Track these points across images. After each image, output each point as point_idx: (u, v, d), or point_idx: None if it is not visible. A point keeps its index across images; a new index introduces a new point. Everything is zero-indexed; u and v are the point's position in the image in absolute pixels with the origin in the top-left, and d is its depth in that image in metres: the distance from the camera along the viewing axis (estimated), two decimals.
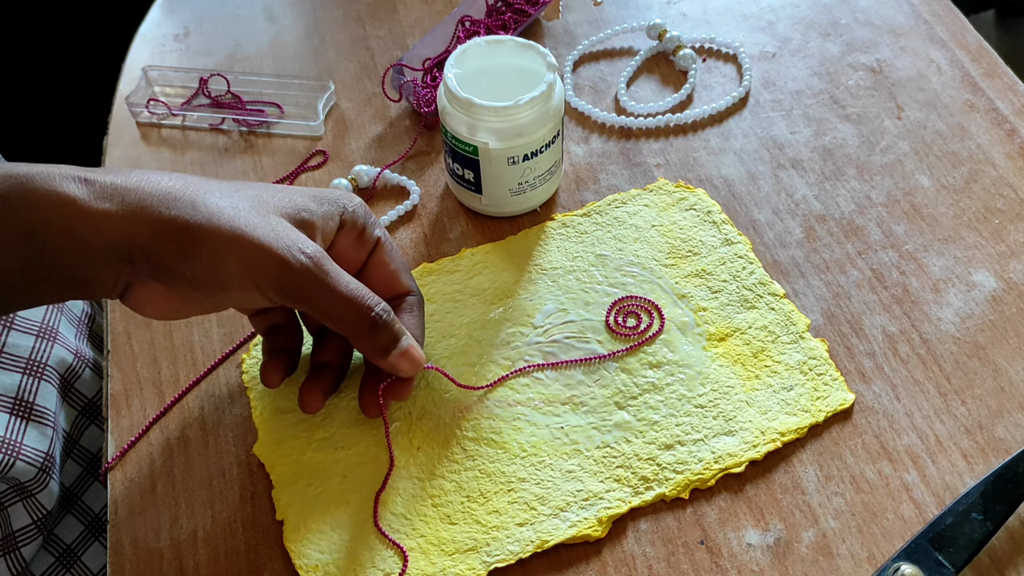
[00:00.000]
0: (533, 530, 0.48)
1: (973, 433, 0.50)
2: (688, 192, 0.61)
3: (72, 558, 0.58)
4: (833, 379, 0.52)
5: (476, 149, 0.56)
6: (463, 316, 0.56)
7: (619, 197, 0.61)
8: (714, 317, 0.55)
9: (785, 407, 0.51)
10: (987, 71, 0.67)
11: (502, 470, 0.50)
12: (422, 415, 0.52)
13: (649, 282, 0.57)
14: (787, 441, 0.50)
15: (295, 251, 0.44)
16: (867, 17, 0.72)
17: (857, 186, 0.61)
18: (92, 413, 0.59)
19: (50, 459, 0.54)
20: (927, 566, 0.44)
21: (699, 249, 0.58)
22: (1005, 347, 0.53)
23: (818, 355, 0.53)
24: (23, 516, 0.53)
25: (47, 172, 0.42)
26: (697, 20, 0.73)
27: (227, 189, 0.45)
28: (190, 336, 0.57)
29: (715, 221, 0.59)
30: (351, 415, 0.52)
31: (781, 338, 0.54)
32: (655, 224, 0.59)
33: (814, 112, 0.66)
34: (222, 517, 0.50)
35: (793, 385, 0.52)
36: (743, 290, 0.56)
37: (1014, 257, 0.57)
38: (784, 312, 0.55)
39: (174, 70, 0.72)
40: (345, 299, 0.45)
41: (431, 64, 0.68)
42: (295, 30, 0.76)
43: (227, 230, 0.43)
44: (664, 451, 0.50)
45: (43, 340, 0.56)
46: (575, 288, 0.57)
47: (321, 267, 0.45)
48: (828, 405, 0.51)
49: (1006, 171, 0.61)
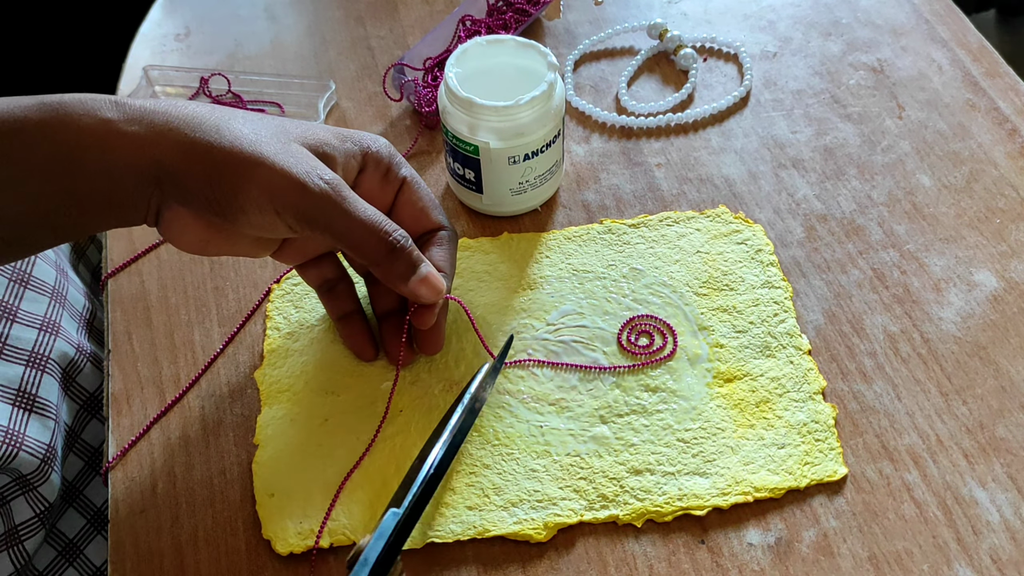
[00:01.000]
0: (480, 516, 0.48)
1: (974, 433, 0.50)
2: (745, 226, 0.59)
3: (74, 552, 0.58)
4: (831, 448, 0.49)
5: (477, 149, 0.56)
6: (483, 296, 0.57)
7: (673, 215, 0.60)
8: (729, 356, 0.53)
9: (770, 463, 0.49)
10: (988, 71, 0.67)
11: (471, 452, 0.50)
12: (415, 381, 0.53)
13: (674, 306, 0.56)
14: (759, 498, 0.48)
15: (314, 176, 0.45)
16: (868, 17, 0.72)
17: (858, 186, 0.61)
18: (93, 407, 0.59)
19: (52, 451, 0.54)
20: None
21: (737, 285, 0.56)
22: (1006, 347, 0.53)
23: (823, 421, 0.50)
24: (25, 510, 0.53)
25: (80, 98, 0.43)
26: (698, 20, 0.73)
27: (252, 117, 0.47)
28: (191, 335, 0.57)
29: (763, 261, 0.57)
30: (351, 364, 0.54)
31: (790, 393, 0.52)
32: (700, 250, 0.58)
33: (815, 112, 0.66)
34: (223, 516, 0.50)
35: (786, 444, 0.50)
36: (768, 336, 0.54)
37: (1015, 257, 0.57)
38: (802, 368, 0.52)
39: (175, 70, 0.72)
40: (363, 224, 0.46)
41: (432, 64, 0.68)
42: (296, 30, 0.76)
43: (249, 154, 0.44)
44: (632, 475, 0.49)
45: (45, 333, 0.56)
46: (599, 295, 0.56)
47: (339, 192, 0.46)
48: (815, 473, 0.48)
49: (1007, 171, 0.61)
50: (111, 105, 0.43)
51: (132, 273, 0.60)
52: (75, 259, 0.66)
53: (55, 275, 0.59)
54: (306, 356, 0.55)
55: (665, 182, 0.63)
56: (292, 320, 0.57)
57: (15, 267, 0.57)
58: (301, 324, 0.56)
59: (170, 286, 0.59)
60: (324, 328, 0.56)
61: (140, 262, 0.61)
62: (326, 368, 0.54)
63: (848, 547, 0.47)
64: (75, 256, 0.66)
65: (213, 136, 0.44)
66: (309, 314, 0.57)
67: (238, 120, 0.45)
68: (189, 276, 0.60)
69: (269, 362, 0.55)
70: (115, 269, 0.60)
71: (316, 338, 0.56)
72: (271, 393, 0.53)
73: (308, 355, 0.55)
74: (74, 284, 0.62)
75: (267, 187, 0.44)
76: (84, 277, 0.66)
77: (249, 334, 0.57)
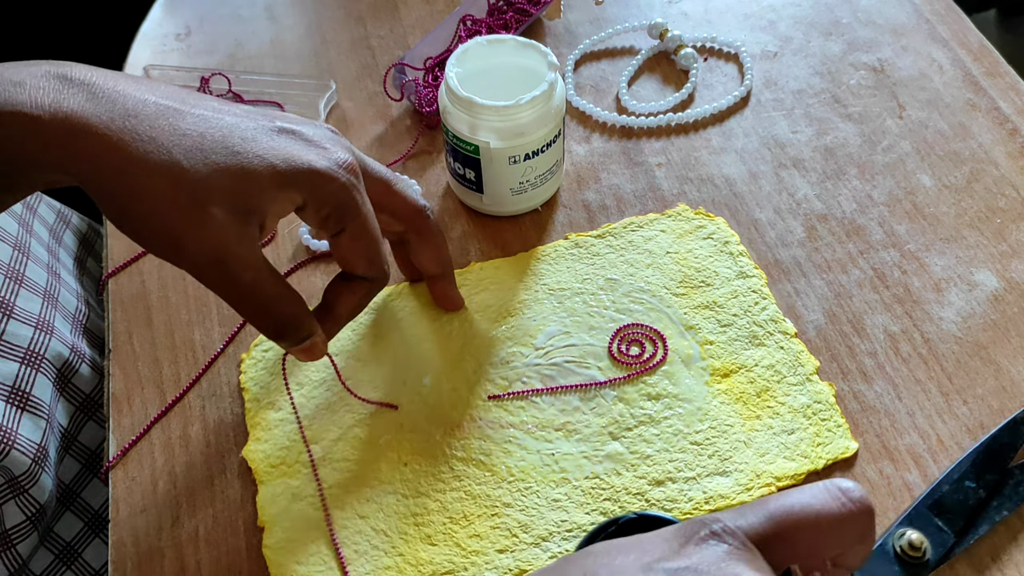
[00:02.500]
0: (512, 558, 0.47)
1: (975, 432, 0.50)
2: (707, 220, 0.59)
3: (72, 555, 0.58)
4: (837, 425, 0.50)
5: (477, 148, 0.56)
6: (465, 330, 0.55)
7: (636, 220, 0.60)
8: (720, 352, 0.53)
9: (784, 451, 0.49)
10: (989, 70, 0.67)
11: (488, 493, 0.49)
12: (413, 429, 0.51)
13: (657, 310, 0.55)
14: (782, 487, 0.48)
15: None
16: (869, 16, 0.72)
17: (859, 185, 0.61)
18: (90, 409, 0.59)
19: (43, 451, 0.53)
20: (929, 531, 0.45)
21: (712, 280, 0.56)
22: (1007, 347, 0.53)
23: (824, 399, 0.51)
24: (16, 514, 0.53)
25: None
26: (698, 19, 0.73)
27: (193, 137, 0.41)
28: (191, 335, 0.57)
29: (732, 252, 0.58)
30: (342, 426, 0.52)
31: (787, 378, 0.52)
32: (670, 251, 0.58)
33: (816, 111, 0.66)
34: (223, 516, 0.50)
35: (795, 429, 0.50)
36: (753, 326, 0.54)
37: (1016, 257, 0.57)
38: (793, 352, 0.53)
39: (175, 69, 0.72)
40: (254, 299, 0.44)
41: (432, 63, 0.68)
42: (296, 29, 0.76)
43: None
44: (654, 487, 0.48)
45: (41, 332, 0.56)
46: (581, 311, 0.56)
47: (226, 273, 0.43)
48: (829, 452, 0.49)
49: (1008, 171, 0.61)
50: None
51: (132, 273, 0.60)
52: (77, 266, 0.66)
53: (46, 276, 0.59)
54: (291, 424, 0.52)
55: (666, 182, 0.62)
56: (270, 388, 0.54)
57: (9, 264, 0.57)
58: (279, 391, 0.53)
59: (170, 286, 0.59)
60: (304, 392, 0.53)
61: (140, 262, 0.61)
62: (311, 424, 0.52)
63: None
64: (77, 263, 0.66)
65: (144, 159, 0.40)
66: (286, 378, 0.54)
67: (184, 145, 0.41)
68: (190, 276, 0.60)
69: (255, 437, 0.52)
70: (115, 269, 0.60)
71: (298, 404, 0.53)
72: (264, 470, 0.50)
73: (293, 423, 0.52)
74: (67, 286, 0.62)
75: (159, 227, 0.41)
76: (85, 283, 0.66)
77: (249, 334, 0.57)
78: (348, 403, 0.52)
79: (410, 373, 0.53)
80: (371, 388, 0.53)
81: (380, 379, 0.53)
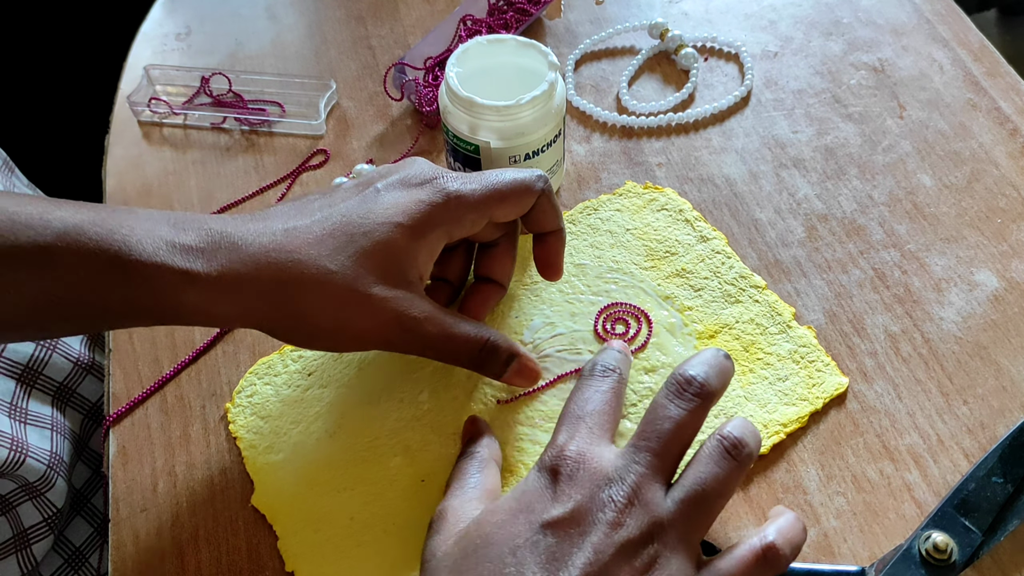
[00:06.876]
0: None
1: (975, 432, 0.50)
2: (657, 192, 0.61)
3: (80, 560, 0.58)
4: (825, 364, 0.52)
5: (477, 148, 0.56)
6: None
7: (590, 204, 0.61)
8: (700, 315, 0.54)
9: (783, 398, 0.51)
10: (989, 71, 0.67)
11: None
12: (423, 447, 0.50)
13: (632, 287, 0.56)
14: (790, 432, 0.50)
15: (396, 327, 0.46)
16: (869, 16, 0.72)
17: (859, 185, 0.61)
18: (98, 416, 0.59)
19: (56, 457, 0.54)
20: (955, 532, 0.44)
21: (676, 249, 0.58)
22: (1007, 347, 0.53)
23: (807, 342, 0.53)
24: (33, 514, 0.53)
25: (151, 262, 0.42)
26: (699, 19, 0.73)
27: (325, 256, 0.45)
28: (191, 334, 0.57)
29: (688, 219, 0.59)
30: (350, 455, 0.50)
31: (769, 329, 0.54)
32: (629, 228, 0.59)
33: (816, 111, 0.66)
34: (223, 516, 0.50)
35: (788, 375, 0.52)
36: (725, 285, 0.56)
37: (1016, 257, 0.57)
38: (768, 303, 0.55)
39: (176, 69, 0.72)
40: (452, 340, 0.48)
41: (433, 63, 0.68)
42: (297, 29, 0.76)
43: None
44: None
45: (43, 349, 0.56)
46: (559, 300, 0.56)
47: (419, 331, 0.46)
48: (824, 391, 0.51)
49: (1008, 171, 0.61)
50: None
51: None
52: None
53: None
54: (296, 463, 0.50)
55: (666, 182, 0.62)
56: (264, 433, 0.51)
57: None
58: (275, 433, 0.51)
59: None
60: (301, 428, 0.51)
61: None
62: (324, 467, 0.50)
63: (848, 547, 0.46)
64: None
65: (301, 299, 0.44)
66: (279, 420, 0.52)
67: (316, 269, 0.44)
68: None
69: (260, 483, 0.50)
70: None
71: (297, 442, 0.51)
72: (280, 519, 0.48)
73: (298, 462, 0.50)
74: None
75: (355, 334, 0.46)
76: None
77: (250, 333, 0.57)
78: (349, 432, 0.51)
79: (405, 391, 0.52)
80: (366, 413, 0.52)
81: (375, 405, 0.52)
